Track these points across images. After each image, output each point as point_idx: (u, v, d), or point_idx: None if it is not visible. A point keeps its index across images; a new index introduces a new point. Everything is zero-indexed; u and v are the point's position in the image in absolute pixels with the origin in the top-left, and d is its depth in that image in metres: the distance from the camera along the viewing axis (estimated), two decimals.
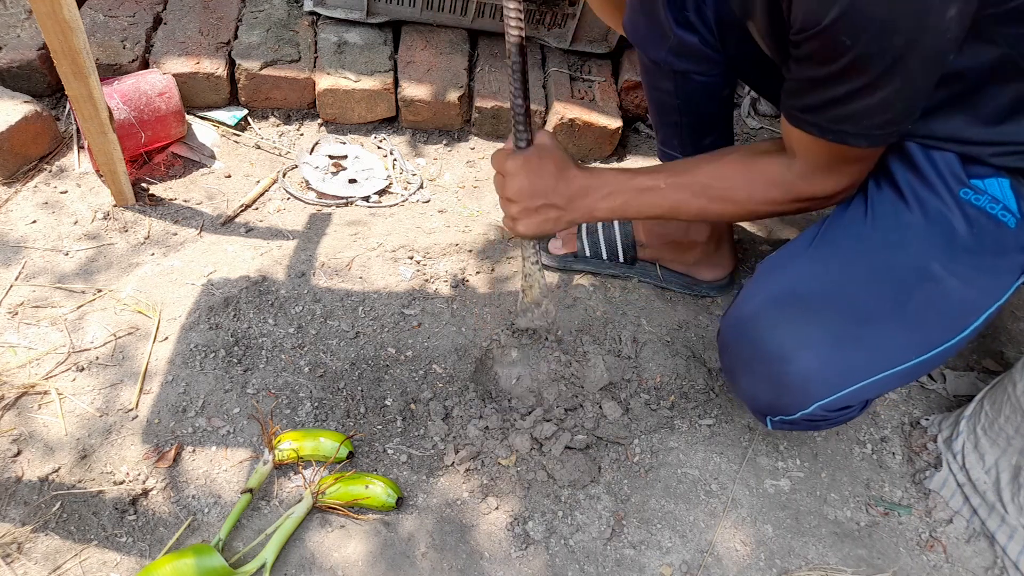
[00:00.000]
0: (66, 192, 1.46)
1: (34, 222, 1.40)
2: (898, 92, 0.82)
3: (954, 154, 0.93)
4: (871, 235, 0.98)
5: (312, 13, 1.77)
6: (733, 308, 1.04)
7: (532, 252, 1.15)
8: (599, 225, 1.45)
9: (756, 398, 1.04)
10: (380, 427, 1.20)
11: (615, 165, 1.78)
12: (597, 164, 1.77)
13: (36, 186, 1.46)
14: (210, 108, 1.68)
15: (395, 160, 1.69)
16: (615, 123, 1.71)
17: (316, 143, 1.69)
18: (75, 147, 1.54)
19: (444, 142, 1.76)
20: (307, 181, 1.59)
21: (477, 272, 1.46)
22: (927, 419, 1.32)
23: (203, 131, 1.64)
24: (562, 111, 1.69)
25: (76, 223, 1.42)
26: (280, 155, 1.65)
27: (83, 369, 1.19)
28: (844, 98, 0.84)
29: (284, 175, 1.60)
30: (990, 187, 0.92)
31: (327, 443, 1.12)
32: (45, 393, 1.16)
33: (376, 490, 1.07)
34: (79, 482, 1.07)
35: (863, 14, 0.74)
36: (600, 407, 1.26)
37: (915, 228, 0.95)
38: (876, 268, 0.96)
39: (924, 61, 0.78)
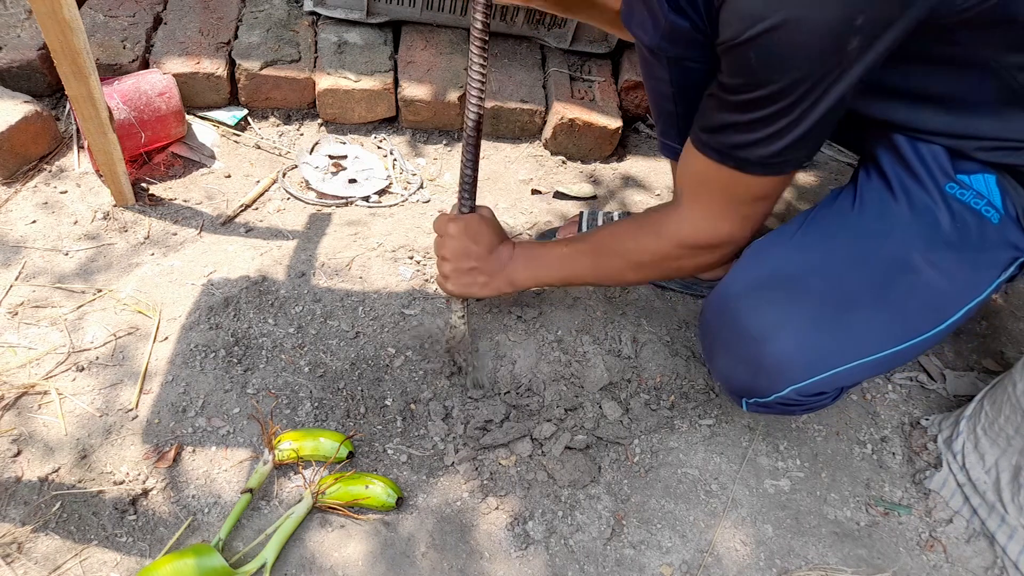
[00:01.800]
0: (66, 192, 1.46)
1: (34, 222, 1.40)
2: (800, 121, 0.83)
3: (941, 147, 0.94)
4: (857, 223, 0.99)
5: (312, 13, 1.77)
6: (717, 289, 1.04)
7: (459, 308, 1.26)
8: (600, 222, 1.45)
9: (732, 379, 1.04)
10: (380, 427, 1.20)
11: (615, 165, 1.78)
12: (597, 164, 1.77)
13: (36, 186, 1.46)
14: (210, 108, 1.68)
15: (395, 160, 1.69)
16: (615, 123, 1.71)
17: (316, 143, 1.69)
18: (75, 147, 1.54)
19: (444, 142, 1.76)
20: (307, 181, 1.59)
21: None
22: (927, 419, 1.32)
23: (203, 131, 1.64)
24: (562, 111, 1.69)
25: (76, 223, 1.42)
26: (280, 155, 1.65)
27: (83, 369, 1.19)
28: (748, 124, 0.86)
29: (284, 175, 1.60)
30: (976, 183, 0.93)
31: (327, 443, 1.12)
32: (45, 393, 1.16)
33: (376, 490, 1.07)
34: (79, 482, 1.07)
35: (776, 41, 0.76)
36: (600, 407, 1.26)
37: (900, 219, 0.96)
38: (859, 256, 0.96)
39: (828, 94, 0.80)
